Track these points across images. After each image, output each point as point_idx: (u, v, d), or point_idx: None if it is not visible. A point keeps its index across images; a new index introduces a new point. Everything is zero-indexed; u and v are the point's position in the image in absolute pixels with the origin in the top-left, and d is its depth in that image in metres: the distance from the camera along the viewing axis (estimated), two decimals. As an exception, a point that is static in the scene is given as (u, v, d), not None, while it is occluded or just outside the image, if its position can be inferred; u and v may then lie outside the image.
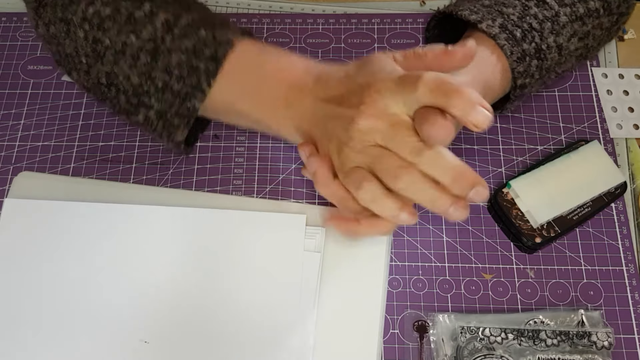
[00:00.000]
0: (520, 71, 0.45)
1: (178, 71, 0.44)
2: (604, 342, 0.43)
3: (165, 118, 0.45)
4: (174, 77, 0.44)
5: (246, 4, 0.60)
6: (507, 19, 0.45)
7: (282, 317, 0.45)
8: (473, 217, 0.49)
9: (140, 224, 0.48)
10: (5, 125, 0.54)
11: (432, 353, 0.44)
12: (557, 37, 0.46)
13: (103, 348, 0.44)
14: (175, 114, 0.45)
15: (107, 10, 0.44)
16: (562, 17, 0.46)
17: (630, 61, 0.56)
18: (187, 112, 0.44)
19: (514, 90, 0.47)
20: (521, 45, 0.44)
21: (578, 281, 0.47)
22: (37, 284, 0.46)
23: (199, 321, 0.45)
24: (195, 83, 0.44)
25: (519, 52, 0.44)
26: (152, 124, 0.46)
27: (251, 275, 0.46)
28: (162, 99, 0.44)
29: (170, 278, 0.46)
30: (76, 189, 0.50)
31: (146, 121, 0.46)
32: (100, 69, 0.45)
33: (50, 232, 0.48)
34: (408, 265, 0.48)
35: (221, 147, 0.52)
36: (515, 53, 0.44)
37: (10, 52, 0.57)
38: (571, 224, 0.47)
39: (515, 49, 0.44)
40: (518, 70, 0.45)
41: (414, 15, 0.58)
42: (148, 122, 0.46)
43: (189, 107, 0.44)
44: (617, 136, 0.52)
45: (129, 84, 0.44)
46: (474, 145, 0.52)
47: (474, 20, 0.45)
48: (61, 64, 0.48)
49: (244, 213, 0.48)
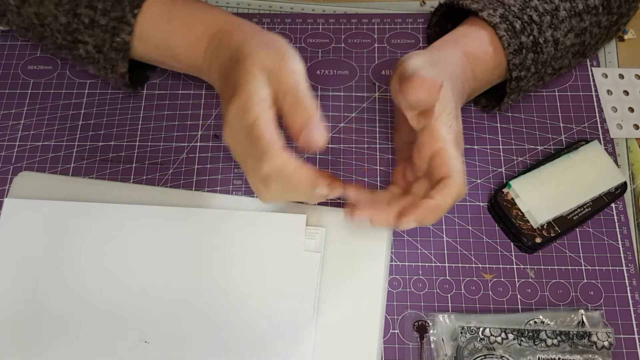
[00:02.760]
0: (516, 63, 0.45)
1: (102, 5, 0.44)
2: (604, 342, 0.43)
3: (103, 52, 0.46)
4: (98, 12, 0.44)
5: (246, 4, 0.60)
6: (508, 10, 0.45)
7: (282, 317, 0.45)
8: (473, 217, 0.49)
9: (140, 224, 0.48)
10: (5, 125, 0.54)
11: (432, 353, 0.44)
12: (554, 32, 0.46)
13: (103, 348, 0.44)
14: (110, 48, 0.45)
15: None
16: (562, 12, 0.46)
17: (630, 61, 0.56)
18: (120, 45, 0.45)
19: (509, 82, 0.47)
20: (519, 38, 0.45)
21: (578, 281, 0.47)
22: (37, 283, 0.46)
23: (199, 321, 0.45)
24: (120, 16, 0.44)
25: (516, 45, 0.45)
26: (94, 58, 0.47)
27: (251, 275, 0.46)
28: (93, 35, 0.45)
29: (170, 278, 0.46)
30: (76, 189, 0.50)
31: (88, 55, 0.47)
32: (28, 10, 0.46)
33: (50, 232, 0.48)
34: (408, 265, 0.48)
35: (221, 147, 0.52)
36: (512, 45, 0.45)
37: (10, 52, 0.57)
38: (571, 224, 0.47)
39: (513, 40, 0.45)
40: (514, 62, 0.45)
41: (414, 15, 0.58)
42: (90, 56, 0.47)
43: (119, 41, 0.45)
44: (617, 136, 0.52)
45: (59, 23, 0.45)
46: (474, 145, 0.52)
47: (475, 9, 0.46)
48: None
49: (244, 213, 0.48)
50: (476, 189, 0.50)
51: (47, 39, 0.48)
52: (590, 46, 0.51)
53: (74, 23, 0.45)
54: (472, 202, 0.50)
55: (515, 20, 0.45)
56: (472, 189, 0.50)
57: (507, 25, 0.45)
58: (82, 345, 0.44)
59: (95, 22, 0.45)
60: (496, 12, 0.45)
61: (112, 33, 0.45)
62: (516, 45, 0.45)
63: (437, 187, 0.39)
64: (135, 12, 0.44)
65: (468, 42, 0.45)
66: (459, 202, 0.50)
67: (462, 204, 0.50)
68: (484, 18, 0.45)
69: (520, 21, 0.45)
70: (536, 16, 0.45)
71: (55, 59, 0.56)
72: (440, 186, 0.39)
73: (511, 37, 0.45)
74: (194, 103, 0.54)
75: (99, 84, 0.55)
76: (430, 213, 0.39)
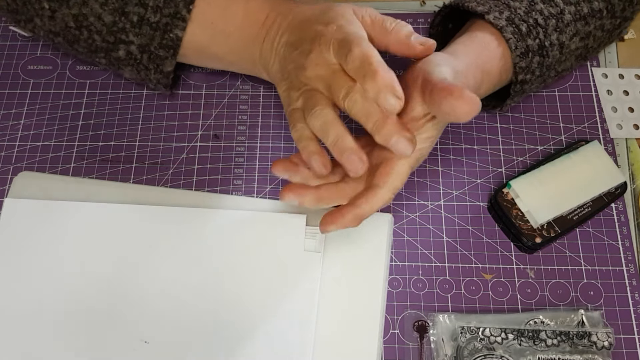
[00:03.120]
0: (522, 66, 0.45)
1: (153, 2, 0.43)
2: (604, 342, 0.43)
3: (149, 51, 0.45)
4: (149, 9, 0.43)
5: (246, 4, 0.60)
6: (514, 13, 0.45)
7: (282, 318, 0.45)
8: (473, 217, 0.49)
9: (140, 224, 0.48)
10: (5, 125, 0.54)
11: (432, 353, 0.44)
12: (560, 35, 0.46)
13: (103, 348, 0.44)
14: (159, 46, 0.44)
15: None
16: (567, 15, 0.46)
17: (631, 61, 0.56)
18: (172, 42, 0.44)
19: (514, 85, 0.47)
20: (525, 41, 0.45)
21: (578, 281, 0.47)
22: (37, 283, 0.46)
23: (199, 321, 0.45)
24: (173, 12, 0.43)
25: (522, 47, 0.45)
26: (136, 58, 0.45)
27: (251, 275, 0.46)
28: (140, 34, 0.44)
29: (170, 278, 0.46)
30: (76, 189, 0.50)
31: (128, 56, 0.45)
32: (66, 12, 0.44)
33: (50, 232, 0.48)
34: (408, 265, 0.48)
35: (221, 147, 0.52)
36: (519, 48, 0.44)
37: (10, 52, 0.57)
38: (571, 224, 0.47)
39: (520, 43, 0.44)
40: (520, 66, 0.45)
41: (414, 15, 0.58)
42: (131, 57, 0.45)
43: (172, 37, 0.44)
44: (617, 136, 0.52)
45: (101, 24, 0.44)
46: (474, 145, 0.52)
47: (481, 11, 0.45)
48: (17, 12, 0.46)
49: (244, 213, 0.48)
50: (476, 189, 0.50)
51: (79, 43, 0.46)
52: (592, 49, 0.51)
53: (120, 22, 0.44)
54: (472, 202, 0.50)
55: (521, 23, 0.45)
56: (472, 189, 0.50)
57: (514, 28, 0.44)
58: (82, 345, 0.44)
59: (144, 20, 0.43)
60: (502, 15, 0.45)
61: (163, 30, 0.44)
62: (523, 49, 0.45)
63: (365, 195, 0.40)
64: (190, 8, 0.44)
65: (480, 52, 0.45)
66: (459, 202, 0.50)
67: (462, 204, 0.50)
68: (490, 21, 0.45)
69: (526, 24, 0.45)
70: (542, 19, 0.45)
71: (55, 58, 0.56)
72: (368, 194, 0.40)
73: (518, 40, 0.44)
74: (194, 103, 0.54)
75: (99, 84, 0.55)
76: (353, 220, 0.40)
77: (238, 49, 0.47)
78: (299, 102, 0.41)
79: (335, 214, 0.40)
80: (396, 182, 0.40)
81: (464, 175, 0.51)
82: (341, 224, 0.40)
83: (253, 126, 0.53)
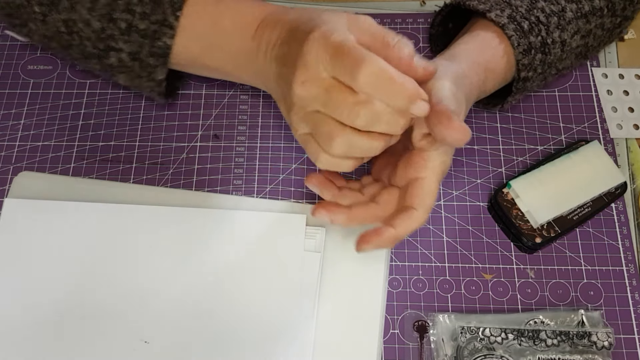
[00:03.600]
0: (525, 64, 0.45)
1: (141, 9, 0.42)
2: (604, 342, 0.43)
3: (139, 59, 0.44)
4: (137, 15, 0.42)
5: (246, 4, 0.60)
6: (515, 10, 0.45)
7: (282, 318, 0.45)
8: (473, 217, 0.49)
9: (140, 224, 0.48)
10: (5, 125, 0.54)
11: (432, 353, 0.44)
12: (562, 33, 0.46)
13: (103, 348, 0.44)
14: (149, 54, 0.43)
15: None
16: (568, 13, 0.46)
17: (630, 61, 0.56)
18: (161, 50, 0.43)
19: (516, 83, 0.47)
20: (528, 38, 0.45)
21: (578, 281, 0.47)
22: (37, 283, 0.46)
23: (199, 321, 0.45)
24: (161, 19, 0.42)
25: (525, 44, 0.45)
26: (127, 66, 0.44)
27: (251, 275, 0.46)
28: (129, 41, 0.43)
29: (170, 278, 0.46)
30: (76, 189, 0.50)
31: (120, 63, 0.44)
32: (56, 17, 0.43)
33: (50, 232, 0.48)
34: (408, 265, 0.48)
35: (221, 147, 0.52)
36: (522, 45, 0.45)
37: (10, 52, 0.57)
38: (571, 224, 0.47)
39: (522, 40, 0.45)
40: (523, 63, 0.45)
41: (414, 15, 0.58)
42: (123, 65, 0.44)
43: (160, 45, 0.43)
44: (617, 136, 0.52)
45: (90, 30, 0.43)
46: (474, 145, 0.52)
47: (482, 9, 0.45)
48: (12, 16, 0.46)
49: (244, 213, 0.48)
50: (476, 189, 0.50)
51: (73, 48, 0.46)
52: (592, 48, 0.51)
53: (108, 29, 0.43)
54: (472, 202, 0.50)
55: (523, 20, 0.45)
56: (472, 189, 0.50)
57: (515, 25, 0.45)
58: (83, 344, 0.44)
59: (133, 27, 0.42)
60: (504, 13, 0.45)
61: (152, 37, 0.43)
62: (525, 45, 0.45)
63: (401, 217, 0.39)
64: (177, 15, 0.43)
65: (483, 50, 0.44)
66: (459, 202, 0.50)
67: (462, 204, 0.50)
68: (491, 19, 0.45)
69: (528, 22, 0.45)
70: (543, 17, 0.45)
71: (55, 58, 0.56)
72: (404, 216, 0.39)
73: (520, 37, 0.44)
74: (194, 103, 0.54)
75: (99, 84, 0.55)
76: (388, 241, 0.40)
77: (233, 61, 0.46)
78: (306, 128, 0.39)
79: (372, 234, 0.40)
80: (429, 200, 0.40)
81: (464, 175, 0.51)
82: (376, 245, 0.40)
83: (253, 126, 0.53)
